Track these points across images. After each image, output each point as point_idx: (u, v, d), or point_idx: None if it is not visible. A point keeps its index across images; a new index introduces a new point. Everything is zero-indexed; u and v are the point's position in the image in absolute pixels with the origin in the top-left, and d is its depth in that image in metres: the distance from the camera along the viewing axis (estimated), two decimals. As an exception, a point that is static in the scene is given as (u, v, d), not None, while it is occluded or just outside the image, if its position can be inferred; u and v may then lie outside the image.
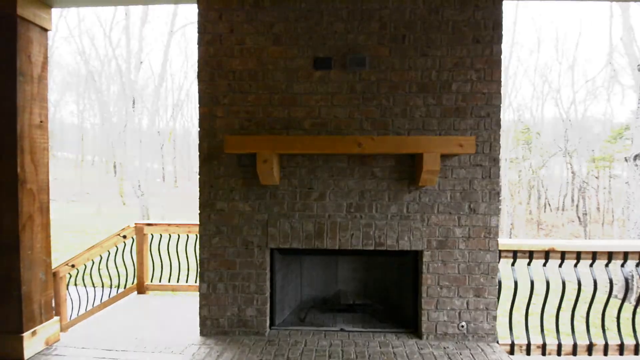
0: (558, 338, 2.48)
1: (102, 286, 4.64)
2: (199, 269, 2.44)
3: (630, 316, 2.46)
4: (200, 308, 2.42)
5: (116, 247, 4.50)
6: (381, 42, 2.28)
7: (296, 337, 2.38)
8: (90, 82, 18.69)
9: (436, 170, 2.09)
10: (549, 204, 18.04)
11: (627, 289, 2.56)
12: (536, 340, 2.53)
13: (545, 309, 2.53)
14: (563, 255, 2.47)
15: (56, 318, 2.85)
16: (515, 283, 2.56)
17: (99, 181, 19.35)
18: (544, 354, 2.40)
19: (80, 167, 23.82)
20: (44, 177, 2.76)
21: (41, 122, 2.70)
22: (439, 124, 2.29)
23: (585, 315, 2.53)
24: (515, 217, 15.33)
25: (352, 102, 2.31)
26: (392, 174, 2.31)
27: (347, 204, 2.34)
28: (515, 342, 2.49)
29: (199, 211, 2.40)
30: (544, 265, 2.54)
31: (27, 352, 2.57)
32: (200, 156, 2.38)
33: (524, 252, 2.49)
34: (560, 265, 2.54)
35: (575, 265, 2.53)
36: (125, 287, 4.59)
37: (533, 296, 2.54)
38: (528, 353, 2.40)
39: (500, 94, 2.26)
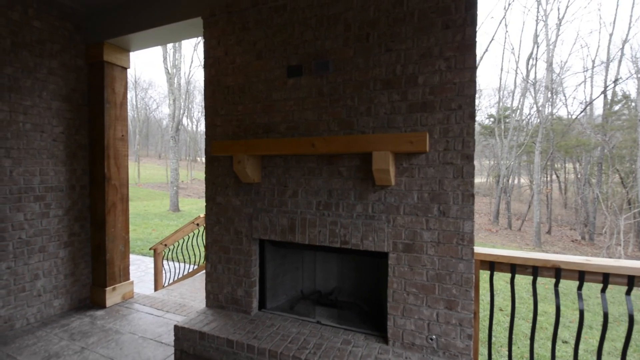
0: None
1: (184, 262, 5.81)
2: (205, 251, 2.95)
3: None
4: (206, 284, 2.93)
5: (193, 232, 5.58)
6: (346, 43, 2.32)
7: (274, 321, 2.62)
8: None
9: (386, 170, 2.01)
10: None
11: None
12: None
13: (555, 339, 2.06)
14: (582, 276, 1.97)
15: (130, 280, 3.84)
16: (513, 301, 2.17)
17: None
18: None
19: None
20: (124, 175, 3.77)
21: (122, 136, 3.71)
22: (405, 120, 2.16)
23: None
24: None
25: (320, 104, 2.41)
26: (357, 173, 2.31)
27: (317, 202, 2.45)
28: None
29: (205, 204, 2.91)
30: (556, 285, 2.08)
31: (108, 302, 3.57)
32: (206, 158, 2.88)
33: (524, 267, 2.10)
34: (579, 288, 2.03)
35: (603, 291, 1.98)
36: (198, 265, 5.65)
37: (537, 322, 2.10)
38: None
39: (474, 82, 1.99)
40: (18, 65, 2.97)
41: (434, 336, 2.12)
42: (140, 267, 7.93)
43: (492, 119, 23.18)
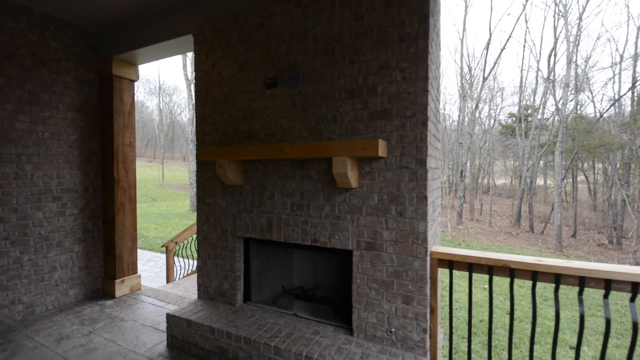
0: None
1: (193, 258, 6.17)
2: (197, 248, 3.23)
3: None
4: (197, 277, 3.20)
5: (200, 231, 5.91)
6: (314, 57, 2.51)
7: (255, 312, 2.84)
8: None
9: (344, 173, 2.18)
10: None
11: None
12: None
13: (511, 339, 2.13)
14: (535, 276, 2.06)
15: (138, 274, 4.19)
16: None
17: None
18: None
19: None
20: (132, 178, 4.13)
21: (130, 142, 4.07)
22: (366, 127, 2.32)
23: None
24: None
25: (293, 113, 2.61)
26: (325, 176, 2.49)
27: (291, 203, 2.65)
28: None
29: (197, 204, 3.18)
30: (510, 285, 2.17)
31: (117, 293, 3.93)
32: (197, 163, 3.16)
33: (480, 266, 2.20)
34: (532, 287, 2.11)
35: (556, 290, 2.05)
36: (205, 263, 5.98)
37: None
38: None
39: (427, 91, 2.12)
40: (37, 81, 3.38)
41: (393, 329, 2.26)
42: (157, 264, 8.42)
43: (513, 118, 22.43)
